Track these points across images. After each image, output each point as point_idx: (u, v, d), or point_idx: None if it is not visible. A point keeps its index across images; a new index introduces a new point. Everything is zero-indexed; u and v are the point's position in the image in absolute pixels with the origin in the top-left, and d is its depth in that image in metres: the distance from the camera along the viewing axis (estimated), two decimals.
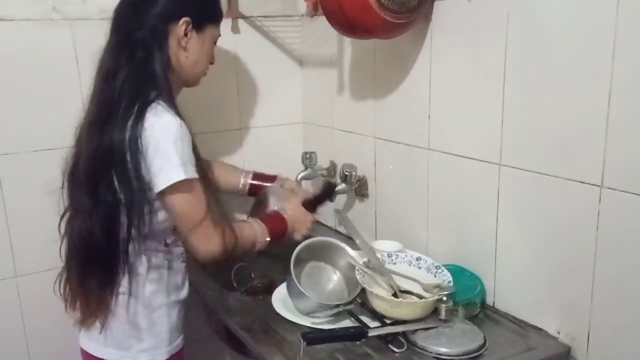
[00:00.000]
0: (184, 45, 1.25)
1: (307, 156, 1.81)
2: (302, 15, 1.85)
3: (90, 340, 1.30)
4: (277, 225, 1.40)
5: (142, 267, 1.24)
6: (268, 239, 1.35)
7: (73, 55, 1.55)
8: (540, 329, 1.20)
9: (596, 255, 1.07)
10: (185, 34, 1.25)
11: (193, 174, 1.16)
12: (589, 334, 1.11)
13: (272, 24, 1.82)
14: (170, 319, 1.30)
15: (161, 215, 1.21)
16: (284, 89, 1.90)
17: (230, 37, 1.77)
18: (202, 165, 1.21)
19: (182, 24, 1.23)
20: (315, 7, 1.74)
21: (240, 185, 1.63)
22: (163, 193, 1.15)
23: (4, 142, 1.52)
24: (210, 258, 1.23)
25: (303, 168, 1.82)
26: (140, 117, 1.14)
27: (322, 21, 1.67)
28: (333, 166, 1.82)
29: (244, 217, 1.60)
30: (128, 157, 1.13)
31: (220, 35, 1.36)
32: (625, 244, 1.02)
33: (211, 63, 1.37)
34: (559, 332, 1.17)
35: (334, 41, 1.71)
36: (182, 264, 1.33)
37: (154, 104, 1.16)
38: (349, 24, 1.30)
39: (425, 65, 1.39)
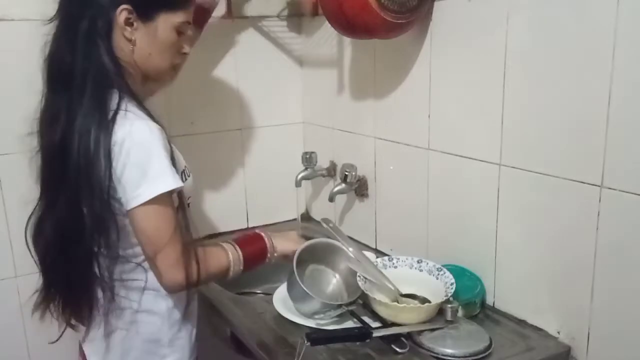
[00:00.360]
0: (128, 37, 1.09)
1: (307, 156, 1.81)
2: (302, 16, 1.85)
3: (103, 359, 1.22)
4: (255, 247, 1.23)
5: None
6: (242, 267, 1.19)
7: None
8: (540, 329, 1.20)
9: (596, 255, 1.07)
10: (129, 24, 1.08)
11: (167, 185, 1.03)
12: (589, 334, 1.11)
13: (272, 24, 1.82)
14: (189, 331, 1.25)
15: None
16: (284, 89, 1.90)
17: (230, 37, 1.77)
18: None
19: (121, 13, 1.07)
20: (315, 7, 1.75)
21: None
22: (134, 210, 1.03)
23: (4, 142, 1.52)
24: (172, 288, 1.10)
25: (303, 168, 1.82)
26: (106, 127, 1.02)
27: (322, 21, 1.67)
28: (333, 166, 1.82)
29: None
30: (97, 171, 1.02)
31: (185, 21, 1.15)
32: (625, 244, 1.02)
33: (184, 54, 1.19)
34: (559, 332, 1.17)
35: (334, 41, 1.71)
36: None
37: (121, 112, 1.04)
38: (349, 24, 1.30)
39: (425, 65, 1.39)
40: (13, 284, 1.59)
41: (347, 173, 1.65)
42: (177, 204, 1.09)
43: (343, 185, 1.66)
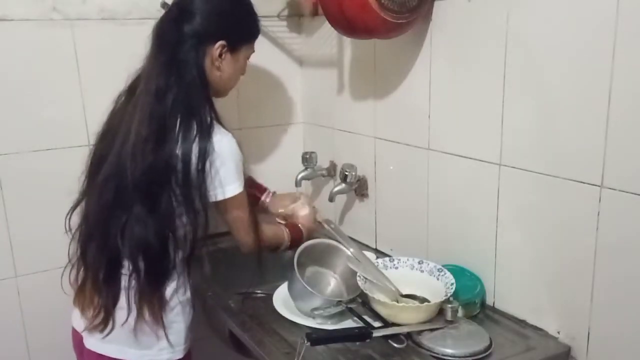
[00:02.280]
0: (217, 65, 1.30)
1: (307, 156, 1.81)
2: (302, 16, 1.85)
3: (105, 342, 1.27)
4: (297, 234, 1.52)
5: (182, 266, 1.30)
6: (288, 245, 1.49)
7: (73, 55, 1.56)
8: (540, 329, 1.20)
9: (596, 255, 1.07)
10: (220, 56, 1.29)
11: (244, 186, 1.30)
12: (589, 334, 1.11)
13: (272, 24, 1.82)
14: (186, 316, 1.31)
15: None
16: (284, 89, 1.90)
17: None
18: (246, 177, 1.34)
19: (218, 48, 1.28)
20: (315, 7, 1.75)
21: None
22: (221, 201, 1.27)
23: (4, 142, 1.52)
24: (249, 250, 1.37)
25: (303, 168, 1.82)
26: (206, 136, 1.22)
27: (322, 21, 1.67)
28: (333, 166, 1.82)
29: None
30: (193, 171, 1.21)
31: (254, 51, 1.41)
32: (625, 244, 1.02)
33: (242, 74, 1.42)
34: (559, 332, 1.17)
35: (334, 41, 1.71)
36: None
37: (215, 124, 1.25)
38: (349, 24, 1.30)
39: (425, 65, 1.39)
40: (13, 284, 1.59)
41: (347, 173, 1.65)
42: None
43: (343, 185, 1.66)
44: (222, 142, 1.24)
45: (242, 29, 1.36)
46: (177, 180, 1.21)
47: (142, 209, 1.21)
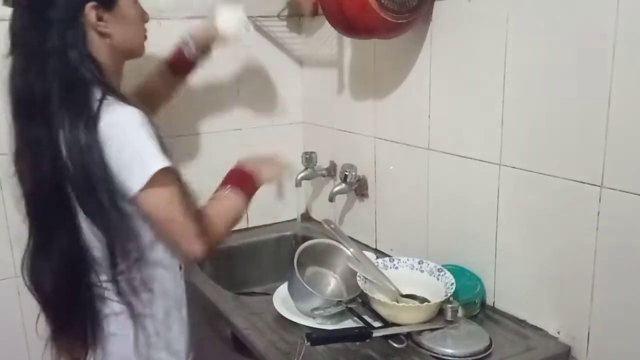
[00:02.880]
0: (103, 31, 1.07)
1: (307, 156, 1.81)
2: (302, 16, 1.85)
3: None
4: (249, 183, 1.27)
5: (147, 289, 1.14)
6: (245, 204, 1.23)
7: None
8: (540, 329, 1.20)
9: (596, 255, 1.07)
10: (100, 19, 1.06)
11: (166, 161, 1.01)
12: (589, 334, 1.11)
13: (272, 24, 1.82)
14: (184, 334, 1.24)
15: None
16: (284, 89, 1.90)
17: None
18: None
19: (90, 12, 1.04)
20: (315, 7, 1.75)
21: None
22: (138, 196, 1.02)
23: (4, 142, 1.52)
24: (201, 258, 1.11)
25: (303, 168, 1.82)
26: (92, 122, 1.00)
27: (322, 21, 1.67)
28: (333, 166, 1.82)
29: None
30: (93, 175, 1.00)
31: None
32: (625, 244, 1.02)
33: (145, 21, 1.19)
34: (559, 332, 1.17)
35: (334, 41, 1.71)
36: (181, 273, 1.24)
37: (104, 103, 1.02)
38: (349, 24, 1.30)
39: (425, 65, 1.39)
40: (13, 284, 1.59)
41: (347, 173, 1.65)
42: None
43: (343, 185, 1.66)
44: (113, 118, 1.00)
45: None
46: (72, 188, 1.02)
47: (37, 237, 1.09)
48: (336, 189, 1.67)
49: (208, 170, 1.81)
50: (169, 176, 1.03)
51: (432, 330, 1.16)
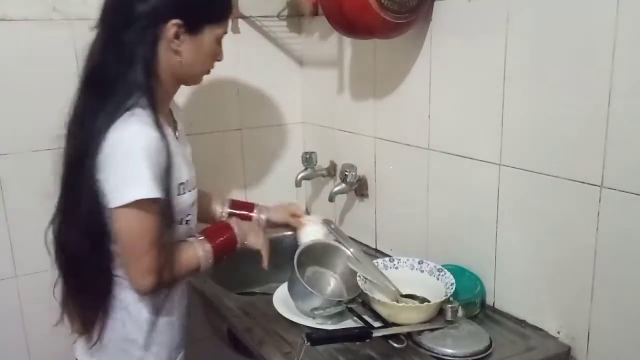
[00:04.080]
0: (175, 48, 1.13)
1: (307, 156, 1.81)
2: (302, 16, 1.85)
3: (89, 356, 1.24)
4: (225, 238, 1.26)
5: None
6: (211, 261, 1.22)
7: (73, 55, 1.55)
8: (540, 329, 1.20)
9: (596, 255, 1.07)
10: (176, 37, 1.13)
11: (144, 193, 1.05)
12: (589, 334, 1.11)
13: (272, 23, 1.82)
14: (172, 336, 1.26)
15: None
16: (284, 89, 1.90)
17: (230, 37, 1.77)
18: (170, 189, 1.10)
19: (172, 27, 1.11)
20: (315, 7, 1.75)
21: (218, 215, 1.48)
22: (115, 211, 1.06)
23: (4, 142, 1.52)
24: (143, 293, 1.14)
25: (303, 168, 1.82)
26: (107, 125, 1.06)
27: (322, 21, 1.67)
28: (333, 166, 1.82)
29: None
30: (94, 166, 1.06)
31: (226, 32, 1.24)
32: (625, 244, 1.02)
33: (218, 60, 1.25)
34: (559, 332, 1.17)
35: (334, 41, 1.71)
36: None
37: (128, 112, 1.07)
38: (349, 24, 1.30)
39: (425, 65, 1.39)
40: (13, 284, 1.59)
41: (347, 173, 1.65)
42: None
43: (343, 185, 1.66)
44: (122, 134, 1.05)
45: (201, 6, 1.16)
46: (94, 170, 1.07)
47: (69, 206, 1.14)
48: (336, 189, 1.66)
49: (208, 170, 1.82)
50: (151, 207, 1.07)
51: (432, 330, 1.16)
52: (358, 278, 1.26)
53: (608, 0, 0.98)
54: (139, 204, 1.05)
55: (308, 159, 1.81)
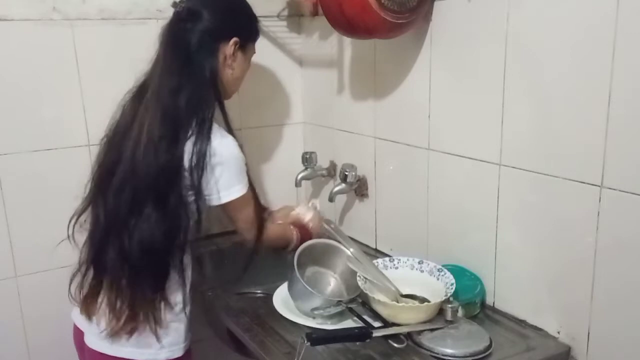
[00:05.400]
0: (230, 63, 1.31)
1: (307, 156, 1.81)
2: (302, 16, 1.85)
3: (104, 340, 1.27)
4: (306, 234, 1.52)
5: (184, 265, 1.29)
6: (297, 243, 1.46)
7: (73, 55, 1.55)
8: (540, 329, 1.20)
9: (596, 255, 1.07)
10: (233, 54, 1.30)
11: (248, 187, 1.31)
12: (589, 334, 1.11)
13: (272, 24, 1.82)
14: (184, 315, 1.30)
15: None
16: (284, 89, 1.90)
17: None
18: (250, 177, 1.34)
19: (232, 45, 1.29)
20: (315, 7, 1.75)
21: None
22: (226, 204, 1.28)
23: (4, 142, 1.52)
24: (253, 244, 1.37)
25: (303, 168, 1.82)
26: (203, 135, 1.22)
27: (322, 21, 1.67)
28: (333, 166, 1.82)
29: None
30: (193, 173, 1.21)
31: (255, 52, 1.42)
32: (625, 244, 1.02)
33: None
34: (559, 332, 1.17)
35: (334, 41, 1.71)
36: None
37: (215, 124, 1.25)
38: (349, 24, 1.30)
39: (425, 65, 1.39)
40: (13, 284, 1.59)
41: (347, 173, 1.65)
42: None
43: (343, 185, 1.66)
44: (223, 145, 1.24)
45: (251, 26, 1.38)
46: (183, 181, 1.22)
47: (152, 210, 1.21)
48: (336, 189, 1.67)
49: None
50: (249, 194, 1.32)
51: (432, 330, 1.16)
52: (358, 278, 1.27)
53: (608, 0, 0.98)
54: (243, 195, 1.30)
55: (308, 159, 1.81)
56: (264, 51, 1.83)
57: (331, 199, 1.68)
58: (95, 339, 1.28)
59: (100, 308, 1.27)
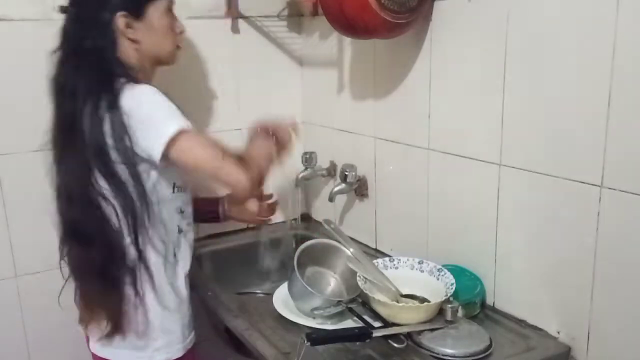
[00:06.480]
0: (132, 37, 1.20)
1: (307, 156, 1.81)
2: (302, 16, 1.85)
3: (103, 346, 1.28)
4: (277, 133, 1.32)
5: (149, 262, 1.23)
6: (277, 147, 1.29)
7: None
8: (540, 329, 1.20)
9: (596, 255, 1.07)
10: (129, 27, 1.19)
11: (187, 123, 1.13)
12: (589, 334, 1.11)
13: (272, 24, 1.82)
14: (182, 314, 1.30)
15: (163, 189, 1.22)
16: (284, 89, 1.90)
17: (230, 37, 1.77)
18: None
19: (119, 20, 1.18)
20: (315, 7, 1.75)
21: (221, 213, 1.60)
22: (167, 155, 1.12)
23: (4, 142, 1.52)
24: (246, 187, 1.17)
25: (303, 168, 1.82)
26: (113, 108, 1.12)
27: (322, 21, 1.67)
28: (333, 166, 1.82)
29: None
30: (119, 144, 1.13)
31: (171, 2, 1.27)
32: (625, 244, 1.02)
33: (180, 33, 1.31)
34: (559, 332, 1.17)
35: (334, 41, 1.71)
36: (189, 251, 1.33)
37: (126, 86, 1.15)
38: (349, 24, 1.29)
39: (425, 65, 1.39)
40: (13, 284, 1.59)
41: (347, 173, 1.65)
42: None
43: (343, 185, 1.66)
44: (133, 98, 1.13)
45: None
46: (116, 158, 1.14)
47: (65, 204, 1.21)
48: (336, 189, 1.67)
49: None
50: (193, 131, 1.14)
51: (432, 330, 1.16)
52: (358, 278, 1.26)
53: (608, 0, 0.98)
54: (185, 133, 1.12)
55: (308, 159, 1.81)
56: (264, 51, 1.84)
57: (331, 199, 1.68)
58: (93, 344, 1.30)
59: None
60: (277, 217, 1.95)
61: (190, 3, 1.64)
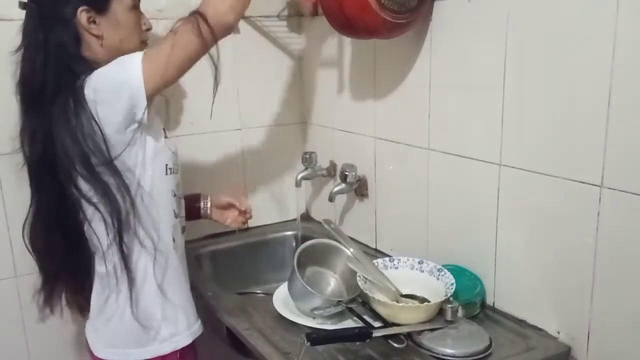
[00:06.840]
0: (95, 33, 1.18)
1: (307, 156, 1.81)
2: (302, 16, 1.85)
3: (109, 347, 1.27)
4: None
5: (139, 254, 1.22)
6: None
7: None
8: (540, 329, 1.20)
9: (596, 255, 1.07)
10: (92, 22, 1.17)
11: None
12: (589, 334, 1.11)
13: (272, 24, 1.82)
14: (182, 300, 1.29)
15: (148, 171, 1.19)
16: (284, 89, 1.90)
17: (230, 37, 1.77)
18: None
19: (81, 15, 1.16)
20: (315, 7, 1.75)
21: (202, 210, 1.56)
22: (145, 81, 1.11)
23: (4, 142, 1.52)
24: (235, 19, 1.20)
25: (303, 168, 1.82)
26: (80, 99, 1.11)
27: (322, 21, 1.67)
28: (333, 166, 1.82)
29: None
30: (93, 146, 1.12)
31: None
32: (625, 244, 1.02)
33: (148, 30, 1.28)
34: (559, 332, 1.17)
35: (334, 41, 1.71)
36: (183, 239, 1.32)
37: (84, 83, 1.13)
38: (349, 24, 1.29)
39: (425, 65, 1.39)
40: (13, 284, 1.59)
41: (347, 173, 1.65)
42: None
43: (343, 185, 1.66)
44: (90, 78, 1.12)
45: None
46: (79, 167, 1.14)
47: (41, 207, 1.24)
48: (336, 189, 1.67)
49: (208, 170, 1.82)
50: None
51: (432, 330, 1.16)
52: (358, 278, 1.26)
53: (608, 0, 0.98)
54: (145, 54, 1.12)
55: (308, 159, 1.81)
56: (264, 51, 1.84)
57: (331, 199, 1.68)
58: (100, 346, 1.29)
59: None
60: (277, 218, 1.96)
61: (190, 3, 1.63)
